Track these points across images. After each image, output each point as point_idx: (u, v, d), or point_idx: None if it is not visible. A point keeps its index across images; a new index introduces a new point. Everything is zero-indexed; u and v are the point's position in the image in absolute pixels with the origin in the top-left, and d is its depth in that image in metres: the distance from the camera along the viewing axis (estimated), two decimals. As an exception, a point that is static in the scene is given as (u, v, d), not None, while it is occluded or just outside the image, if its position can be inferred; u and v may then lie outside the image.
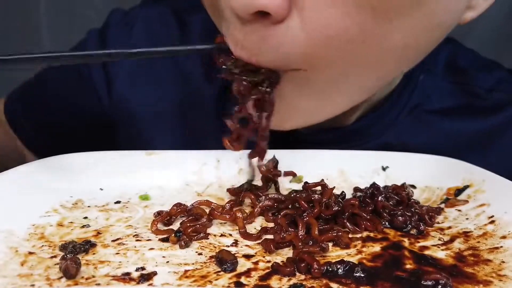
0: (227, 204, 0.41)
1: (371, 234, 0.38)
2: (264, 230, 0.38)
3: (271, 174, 0.47)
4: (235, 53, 0.39)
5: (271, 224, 0.40)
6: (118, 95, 0.61)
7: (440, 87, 0.58)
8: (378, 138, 0.56)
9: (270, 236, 0.37)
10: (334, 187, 0.42)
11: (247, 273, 0.32)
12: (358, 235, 0.38)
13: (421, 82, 0.57)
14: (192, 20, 0.62)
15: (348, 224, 0.38)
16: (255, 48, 0.38)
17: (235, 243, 0.36)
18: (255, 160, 0.46)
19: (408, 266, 0.33)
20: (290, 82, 0.41)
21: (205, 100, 0.60)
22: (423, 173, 0.47)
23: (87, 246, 0.34)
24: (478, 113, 0.58)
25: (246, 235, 0.37)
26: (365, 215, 0.39)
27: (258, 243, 0.36)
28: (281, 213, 0.40)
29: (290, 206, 0.41)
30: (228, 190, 0.45)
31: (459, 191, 0.44)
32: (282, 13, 0.35)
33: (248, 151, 0.49)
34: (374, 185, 0.43)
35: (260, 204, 0.41)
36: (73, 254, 0.33)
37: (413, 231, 0.38)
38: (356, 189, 0.45)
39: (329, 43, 0.37)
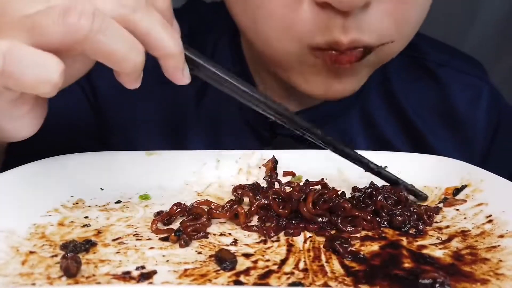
0: (227, 204, 0.42)
1: (370, 233, 0.38)
2: (263, 221, 0.39)
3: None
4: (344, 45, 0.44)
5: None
6: (104, 105, 0.61)
7: (396, 60, 0.60)
8: (347, 114, 0.59)
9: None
10: (334, 187, 0.42)
11: (246, 271, 0.32)
12: (358, 235, 0.38)
13: None
14: None
15: (341, 226, 0.38)
16: (358, 32, 0.44)
17: (235, 242, 0.36)
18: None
19: (406, 265, 0.33)
20: (375, 54, 0.47)
21: (186, 101, 0.61)
22: (421, 172, 0.47)
23: (88, 245, 0.34)
24: (429, 89, 0.61)
25: (248, 228, 0.38)
26: (363, 215, 0.39)
27: (257, 242, 0.37)
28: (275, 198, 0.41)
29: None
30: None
31: (457, 190, 0.44)
32: None
33: (250, 151, 0.50)
34: (372, 185, 0.43)
35: (257, 202, 0.41)
36: (74, 253, 0.33)
37: (412, 231, 0.39)
38: (355, 189, 0.45)
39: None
